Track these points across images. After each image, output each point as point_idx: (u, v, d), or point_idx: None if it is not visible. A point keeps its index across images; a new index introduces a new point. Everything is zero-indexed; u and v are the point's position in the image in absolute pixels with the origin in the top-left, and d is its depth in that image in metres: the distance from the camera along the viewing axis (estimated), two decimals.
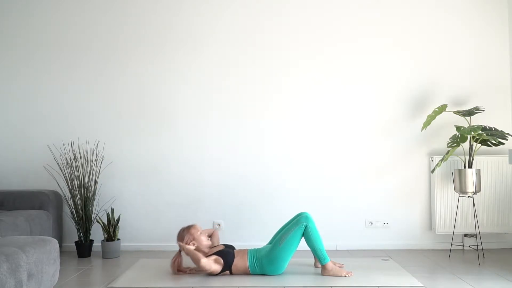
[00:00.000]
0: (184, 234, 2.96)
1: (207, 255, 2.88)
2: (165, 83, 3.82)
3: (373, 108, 3.77)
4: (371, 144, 3.76)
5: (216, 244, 3.09)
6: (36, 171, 3.82)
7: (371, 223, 3.75)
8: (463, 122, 3.61)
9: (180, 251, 2.98)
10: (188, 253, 2.84)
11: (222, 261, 2.84)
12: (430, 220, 3.73)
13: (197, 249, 2.93)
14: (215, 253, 2.88)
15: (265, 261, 2.86)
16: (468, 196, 3.37)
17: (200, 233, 2.97)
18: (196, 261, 2.80)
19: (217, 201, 3.78)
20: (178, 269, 2.95)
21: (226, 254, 2.88)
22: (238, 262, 2.88)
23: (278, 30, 3.80)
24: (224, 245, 3.03)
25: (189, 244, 2.91)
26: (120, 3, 3.86)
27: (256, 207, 3.76)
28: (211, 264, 2.81)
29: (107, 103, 3.84)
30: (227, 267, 2.86)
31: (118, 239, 3.58)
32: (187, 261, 3.03)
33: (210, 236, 3.11)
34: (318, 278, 2.84)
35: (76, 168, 3.63)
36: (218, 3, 3.83)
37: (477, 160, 3.57)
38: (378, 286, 2.64)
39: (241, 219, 3.76)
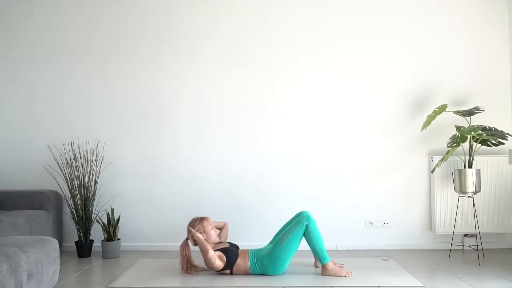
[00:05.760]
0: (196, 224, 2.99)
1: (214, 250, 2.89)
2: (165, 83, 3.82)
3: (373, 108, 3.77)
4: (371, 144, 3.76)
5: (223, 239, 3.11)
6: (36, 171, 3.82)
7: (371, 223, 3.75)
8: (463, 122, 3.61)
9: (187, 239, 2.99)
10: (198, 241, 2.85)
11: (225, 258, 2.84)
12: (430, 220, 3.73)
13: None
14: (219, 250, 2.89)
15: (266, 261, 2.86)
16: (468, 196, 3.37)
17: (211, 227, 3.00)
18: (205, 251, 2.79)
19: (217, 201, 3.78)
20: (187, 268, 2.96)
21: (230, 252, 2.88)
22: (240, 262, 2.88)
23: (278, 30, 3.80)
24: (230, 243, 3.03)
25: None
26: (120, 3, 3.86)
27: (256, 207, 3.76)
28: (216, 259, 2.82)
29: (107, 103, 3.84)
30: (229, 266, 2.86)
31: (118, 239, 3.58)
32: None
33: (220, 229, 3.14)
34: (318, 278, 2.83)
35: (76, 168, 3.63)
36: (218, 3, 3.83)
37: (477, 160, 3.57)
38: (378, 286, 2.64)
39: (241, 219, 3.76)
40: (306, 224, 2.84)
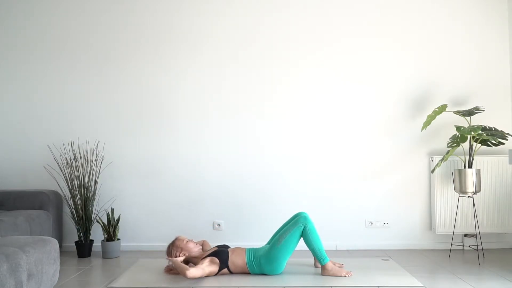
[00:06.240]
0: (171, 249, 2.97)
1: (202, 258, 2.88)
2: (165, 83, 3.82)
3: (373, 108, 3.77)
4: (371, 144, 3.76)
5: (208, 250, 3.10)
6: (36, 171, 3.82)
7: (371, 223, 3.74)
8: (463, 122, 3.61)
9: (171, 266, 2.98)
10: (175, 265, 2.80)
11: (217, 260, 2.84)
12: (430, 220, 3.73)
13: (189, 257, 2.95)
14: (209, 255, 2.88)
15: (264, 261, 2.86)
16: (468, 196, 3.37)
17: (186, 241, 2.97)
18: (183, 274, 2.71)
19: (217, 201, 3.78)
20: (171, 270, 2.97)
21: (220, 252, 2.88)
22: (235, 259, 2.88)
23: (278, 30, 3.80)
24: (217, 246, 3.03)
25: (178, 256, 2.91)
26: (120, 3, 3.86)
27: (256, 207, 3.76)
28: (204, 268, 2.78)
29: (107, 103, 3.84)
30: (224, 265, 2.86)
31: (118, 239, 3.58)
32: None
33: (201, 245, 3.13)
34: (318, 278, 2.83)
35: (76, 168, 3.63)
36: (218, 3, 3.83)
37: (477, 160, 3.57)
38: (378, 286, 2.64)
39: (241, 219, 3.76)
40: (304, 225, 2.84)
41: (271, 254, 2.85)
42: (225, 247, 3.02)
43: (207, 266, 2.80)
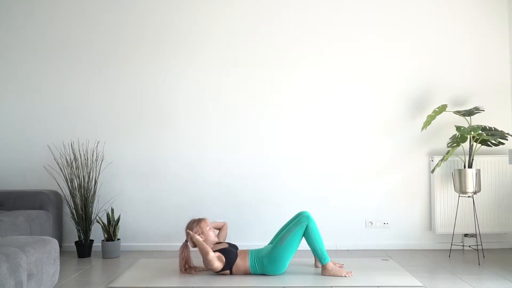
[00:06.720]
0: (194, 225, 2.99)
1: (213, 250, 2.89)
2: (165, 83, 3.83)
3: (373, 108, 3.77)
4: (371, 144, 3.76)
5: (222, 240, 3.11)
6: (36, 171, 3.82)
7: (371, 223, 3.75)
8: (463, 122, 3.61)
9: (186, 241, 2.99)
10: (197, 243, 2.84)
11: (224, 259, 2.84)
12: (430, 220, 3.73)
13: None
14: (218, 250, 2.89)
15: (266, 261, 2.86)
16: (468, 196, 3.37)
17: (209, 228, 3.00)
18: (205, 253, 2.79)
19: (217, 201, 3.78)
20: (185, 269, 2.96)
21: (229, 252, 2.88)
22: (239, 263, 2.88)
23: (278, 30, 3.80)
24: (229, 243, 3.03)
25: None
26: (120, 3, 3.86)
27: (256, 207, 3.76)
28: (216, 260, 2.82)
29: (107, 103, 3.84)
30: (228, 266, 2.86)
31: (118, 239, 3.58)
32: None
33: (219, 229, 3.14)
34: (318, 278, 2.84)
35: (76, 168, 3.63)
36: (218, 3, 3.83)
37: (477, 160, 3.57)
38: (378, 286, 2.64)
39: (242, 219, 3.76)
40: (306, 224, 2.84)
41: (274, 254, 2.84)
42: (235, 247, 3.02)
43: (216, 260, 2.82)
